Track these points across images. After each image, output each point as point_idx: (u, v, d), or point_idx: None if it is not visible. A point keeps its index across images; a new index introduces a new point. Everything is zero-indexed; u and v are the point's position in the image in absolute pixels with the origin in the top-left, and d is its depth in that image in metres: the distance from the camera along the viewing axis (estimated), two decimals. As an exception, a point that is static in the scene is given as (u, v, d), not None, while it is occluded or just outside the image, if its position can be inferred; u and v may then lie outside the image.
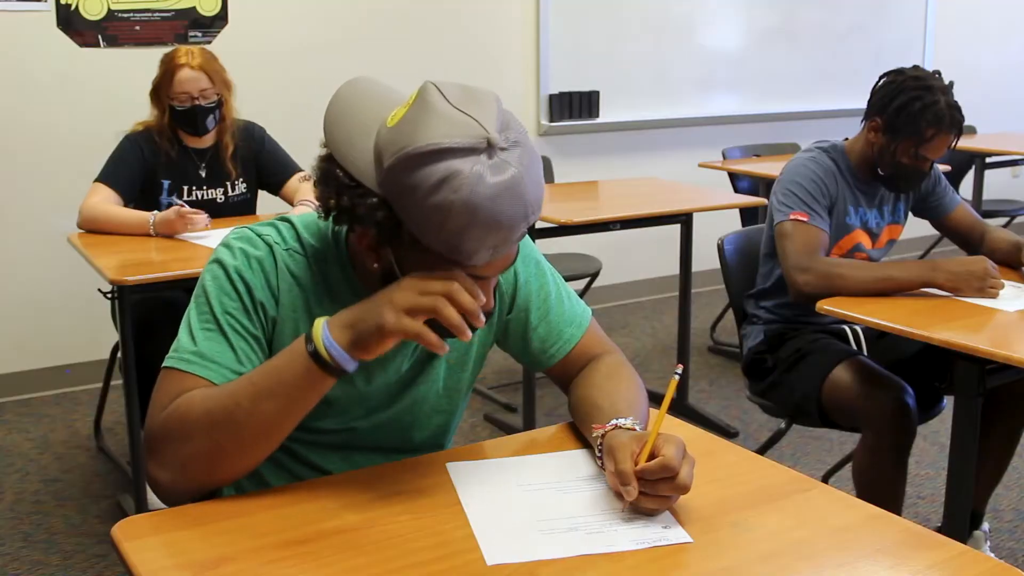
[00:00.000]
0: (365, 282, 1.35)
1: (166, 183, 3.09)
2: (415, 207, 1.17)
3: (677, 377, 1.32)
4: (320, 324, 1.22)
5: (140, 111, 3.12)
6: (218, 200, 3.17)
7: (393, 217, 1.20)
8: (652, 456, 1.22)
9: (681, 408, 3.75)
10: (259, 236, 1.36)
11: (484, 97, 1.21)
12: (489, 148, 1.16)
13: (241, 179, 3.20)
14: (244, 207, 3.24)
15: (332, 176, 1.25)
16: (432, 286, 1.19)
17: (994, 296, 2.28)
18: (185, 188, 3.12)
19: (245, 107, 3.21)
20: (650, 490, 1.21)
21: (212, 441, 1.23)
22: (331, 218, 1.26)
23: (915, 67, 2.47)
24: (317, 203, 1.29)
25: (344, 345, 1.21)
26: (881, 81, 2.49)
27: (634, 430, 1.31)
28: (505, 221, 1.17)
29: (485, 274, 1.24)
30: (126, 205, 3.05)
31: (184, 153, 3.12)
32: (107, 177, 3.05)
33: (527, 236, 1.52)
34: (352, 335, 1.20)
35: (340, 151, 1.24)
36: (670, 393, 1.29)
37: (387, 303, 1.19)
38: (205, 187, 3.15)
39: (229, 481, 1.30)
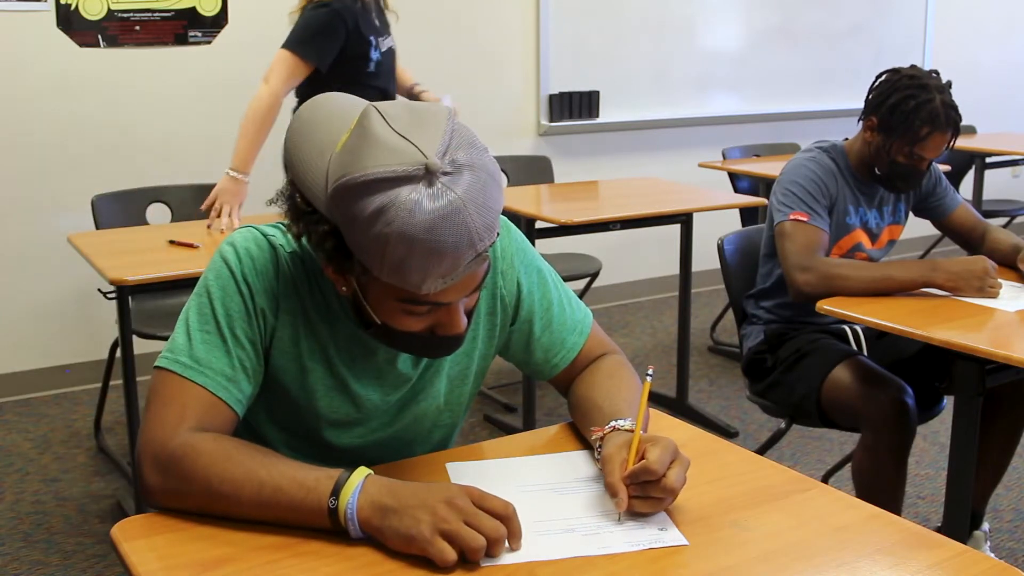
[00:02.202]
0: (350, 306, 1.33)
1: (373, 39, 3.18)
2: (357, 237, 1.14)
3: (649, 379, 1.32)
4: (353, 487, 1.15)
5: (140, 111, 3.12)
6: (392, 47, 3.28)
7: (343, 246, 1.18)
8: (642, 459, 1.21)
9: (681, 408, 3.76)
10: (264, 237, 1.34)
11: (431, 118, 1.15)
12: (428, 175, 1.10)
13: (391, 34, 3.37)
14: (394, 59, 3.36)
15: (291, 200, 1.23)
16: (484, 524, 1.10)
17: (994, 296, 2.28)
18: (380, 39, 3.22)
19: (244, 107, 3.21)
20: (640, 493, 1.20)
21: (206, 500, 1.20)
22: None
23: (912, 67, 2.47)
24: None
25: (363, 521, 1.14)
26: (878, 80, 2.49)
27: (632, 431, 1.30)
28: (448, 250, 1.11)
29: (445, 300, 1.20)
30: (319, 71, 3.10)
31: (377, 5, 3.26)
32: (303, 47, 3.09)
33: (527, 243, 1.51)
34: (378, 521, 1.13)
35: (297, 175, 1.22)
36: (645, 395, 1.29)
37: (430, 515, 1.11)
38: (385, 36, 3.27)
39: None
